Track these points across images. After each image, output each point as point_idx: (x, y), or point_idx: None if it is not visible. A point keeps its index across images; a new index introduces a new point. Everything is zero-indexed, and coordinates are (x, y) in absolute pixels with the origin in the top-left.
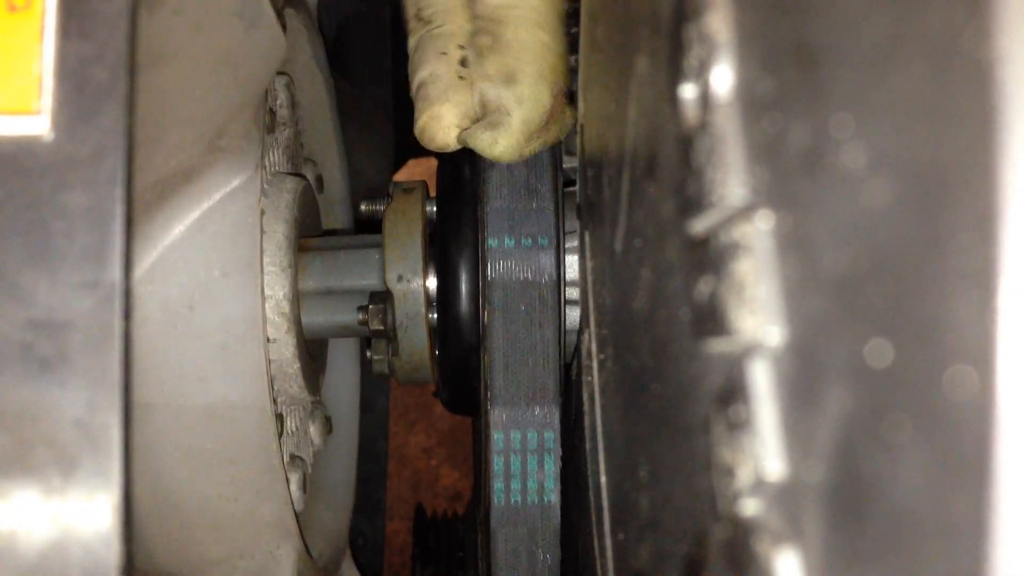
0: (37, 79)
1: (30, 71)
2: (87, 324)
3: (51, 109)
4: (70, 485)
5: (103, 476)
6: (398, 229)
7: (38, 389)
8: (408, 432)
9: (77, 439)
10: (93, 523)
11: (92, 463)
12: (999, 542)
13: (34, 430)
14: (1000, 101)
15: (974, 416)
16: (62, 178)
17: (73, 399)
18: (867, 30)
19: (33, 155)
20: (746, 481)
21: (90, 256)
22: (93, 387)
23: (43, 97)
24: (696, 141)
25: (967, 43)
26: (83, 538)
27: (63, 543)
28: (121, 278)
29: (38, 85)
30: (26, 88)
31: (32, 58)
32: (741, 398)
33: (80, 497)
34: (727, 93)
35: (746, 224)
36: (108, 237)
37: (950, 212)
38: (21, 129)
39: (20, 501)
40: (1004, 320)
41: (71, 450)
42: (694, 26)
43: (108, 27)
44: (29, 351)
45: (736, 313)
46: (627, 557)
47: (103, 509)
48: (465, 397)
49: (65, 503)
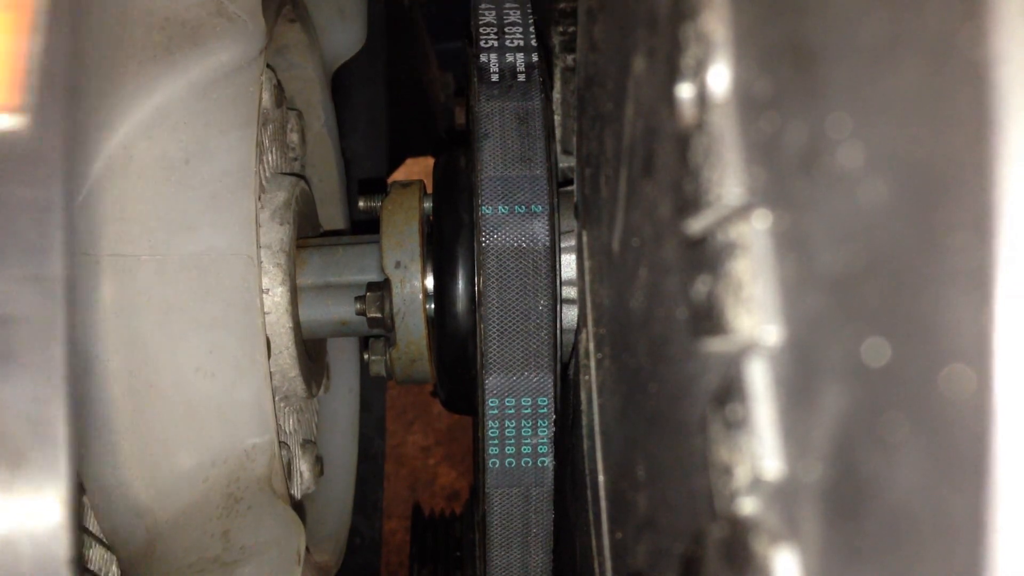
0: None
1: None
2: (31, 318)
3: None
4: (17, 479)
5: (51, 470)
6: (396, 218)
7: None
8: (406, 431)
9: (24, 433)
10: (42, 517)
11: (40, 457)
12: (996, 540)
13: None
14: (996, 101)
15: (971, 415)
16: (2, 171)
17: (19, 393)
18: (864, 30)
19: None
20: (743, 480)
21: (32, 249)
22: (39, 381)
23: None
24: (693, 140)
25: (963, 43)
26: (32, 532)
27: (12, 537)
28: (64, 271)
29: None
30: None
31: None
32: (738, 397)
33: (28, 491)
34: (724, 92)
35: (743, 223)
36: (50, 229)
37: (946, 211)
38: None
39: None
40: (1000, 318)
41: (18, 444)
42: (691, 25)
43: (52, 21)
44: None
45: (733, 312)
46: (625, 556)
47: (52, 502)
48: (462, 392)
49: (13, 497)
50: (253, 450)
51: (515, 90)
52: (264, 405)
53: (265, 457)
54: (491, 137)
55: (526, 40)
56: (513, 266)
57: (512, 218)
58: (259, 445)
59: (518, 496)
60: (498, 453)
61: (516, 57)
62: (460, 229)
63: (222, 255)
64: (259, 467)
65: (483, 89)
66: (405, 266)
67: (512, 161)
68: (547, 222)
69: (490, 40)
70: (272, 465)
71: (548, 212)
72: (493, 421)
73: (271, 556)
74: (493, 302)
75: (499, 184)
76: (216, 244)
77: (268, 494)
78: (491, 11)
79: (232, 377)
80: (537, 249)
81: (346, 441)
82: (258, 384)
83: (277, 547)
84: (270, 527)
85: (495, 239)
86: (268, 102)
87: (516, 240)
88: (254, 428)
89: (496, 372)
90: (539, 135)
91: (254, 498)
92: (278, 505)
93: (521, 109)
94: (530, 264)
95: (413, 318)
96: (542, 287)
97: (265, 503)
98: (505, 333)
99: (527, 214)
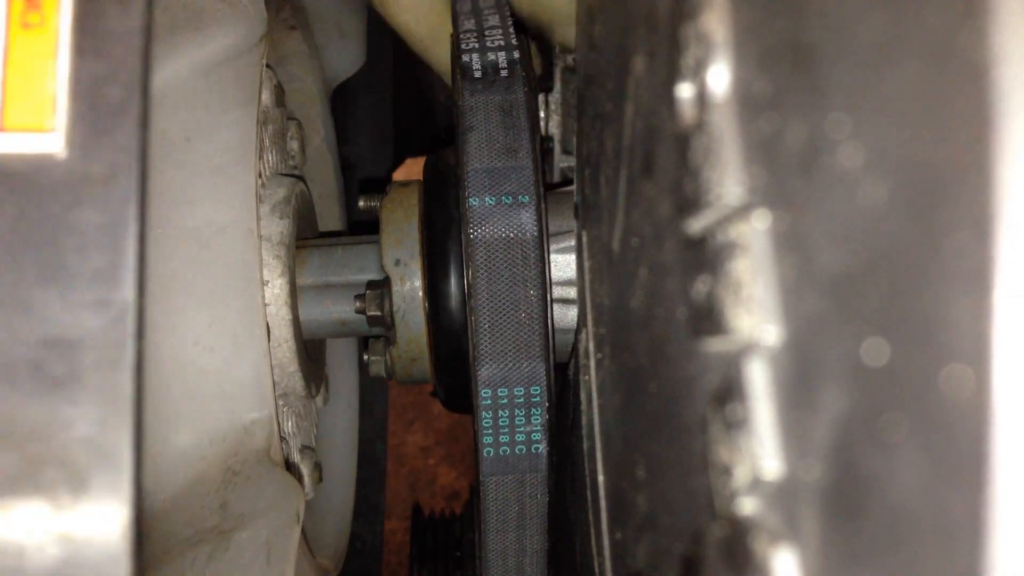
0: (51, 97)
1: (44, 88)
2: (99, 343)
3: (65, 127)
4: (80, 503)
5: (113, 494)
6: (395, 216)
7: (49, 407)
8: (406, 431)
9: (87, 457)
10: (102, 541)
11: (102, 481)
12: (996, 540)
13: (45, 448)
14: (996, 101)
15: (970, 415)
16: (75, 196)
17: (84, 417)
18: (864, 29)
19: (47, 173)
20: (743, 480)
21: (103, 275)
22: (104, 405)
23: (57, 115)
24: (693, 140)
25: (963, 43)
26: (92, 557)
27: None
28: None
29: (52, 103)
30: (40, 106)
31: (46, 75)
32: (738, 397)
33: (90, 515)
34: (724, 92)
35: (743, 223)
36: (121, 256)
37: (946, 211)
38: (35, 147)
39: (30, 519)
40: (1000, 319)
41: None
42: (691, 25)
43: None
44: (41, 369)
45: (733, 312)
46: (625, 556)
47: (113, 527)
48: (461, 389)
49: (75, 521)
50: (252, 425)
51: (498, 84)
52: (263, 379)
53: (264, 432)
54: (476, 130)
55: (506, 40)
56: (502, 257)
57: (499, 209)
58: (258, 420)
59: (513, 482)
60: (492, 442)
61: (498, 55)
62: (451, 224)
63: (222, 228)
64: (258, 441)
65: (466, 85)
66: (405, 264)
67: (497, 153)
68: (534, 212)
69: (471, 43)
70: (271, 439)
71: (535, 202)
72: (486, 412)
73: (269, 519)
74: (483, 293)
75: (485, 176)
76: (216, 218)
77: (266, 464)
78: (470, 19)
79: (231, 351)
80: (525, 239)
81: (345, 454)
82: (257, 357)
83: (276, 510)
84: (268, 494)
85: (483, 231)
86: (268, 100)
87: (504, 231)
88: (253, 403)
89: (488, 362)
90: (523, 126)
91: (252, 470)
92: (276, 472)
93: (505, 102)
94: (519, 254)
95: (413, 316)
96: (531, 277)
97: (264, 473)
98: (496, 324)
99: (514, 204)
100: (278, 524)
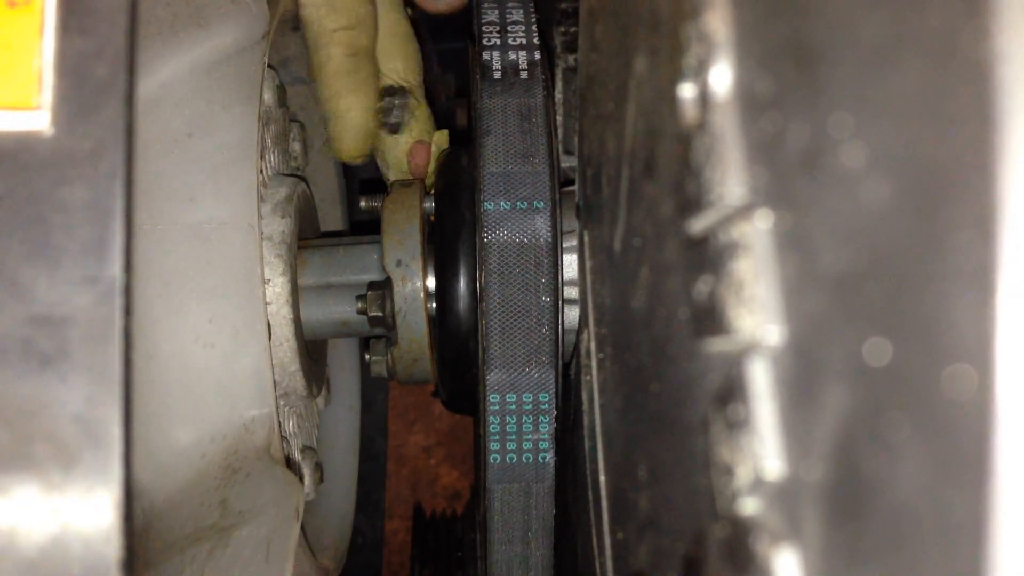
0: (37, 74)
1: (30, 66)
2: (87, 319)
3: (51, 104)
4: (70, 481)
5: (103, 472)
6: (397, 216)
7: (38, 385)
8: (407, 431)
9: (77, 434)
10: (94, 518)
11: (92, 458)
12: (998, 541)
13: (34, 425)
14: (999, 100)
15: (973, 414)
16: (62, 173)
17: (73, 394)
18: (865, 29)
19: (33, 150)
20: (745, 480)
21: (90, 251)
22: (93, 382)
23: (43, 92)
24: (695, 140)
25: (966, 42)
26: (83, 534)
27: (63, 539)
28: (122, 273)
29: (38, 80)
30: (26, 83)
31: (32, 53)
32: (740, 397)
33: (80, 493)
34: (726, 92)
35: (745, 223)
36: (108, 232)
37: (949, 211)
38: (21, 124)
39: (20, 497)
40: (1003, 318)
41: (71, 446)
42: (693, 25)
43: (108, 22)
44: (29, 347)
45: (735, 312)
46: (626, 556)
47: (104, 504)
48: (464, 391)
49: (65, 499)
50: (252, 423)
51: (518, 87)
52: (263, 376)
53: (264, 429)
54: (493, 133)
55: (528, 38)
56: (515, 262)
57: (514, 214)
58: (258, 417)
59: (519, 491)
60: (499, 449)
61: (519, 55)
62: (462, 226)
63: (223, 224)
64: (258, 439)
65: (485, 86)
66: (406, 264)
67: (514, 157)
68: (549, 218)
69: (493, 38)
70: (271, 436)
71: (550, 208)
72: (494, 417)
73: (269, 516)
74: (495, 298)
75: (501, 180)
76: (217, 214)
77: (266, 461)
78: (494, 10)
79: (232, 347)
80: (539, 245)
81: (346, 455)
82: (257, 354)
83: (275, 506)
84: (268, 491)
85: (497, 235)
86: (271, 101)
87: (518, 236)
88: (253, 400)
89: (497, 368)
90: (541, 131)
91: (252, 467)
92: (276, 469)
93: (523, 105)
94: (532, 260)
95: (414, 316)
96: (544, 283)
97: (263, 470)
98: (507, 329)
99: (529, 210)
100: (278, 521)
